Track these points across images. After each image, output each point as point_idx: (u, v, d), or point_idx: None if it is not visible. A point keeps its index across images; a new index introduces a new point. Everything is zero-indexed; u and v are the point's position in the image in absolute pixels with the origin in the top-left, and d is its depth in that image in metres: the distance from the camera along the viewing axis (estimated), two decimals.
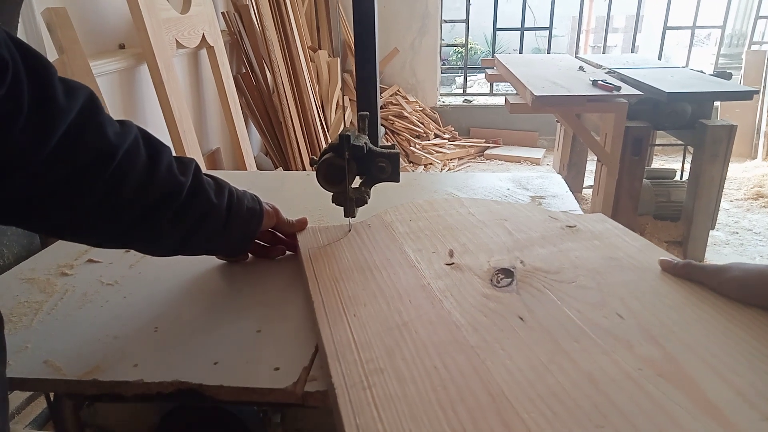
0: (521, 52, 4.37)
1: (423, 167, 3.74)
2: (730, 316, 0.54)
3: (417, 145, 3.86)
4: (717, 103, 3.50)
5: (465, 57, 4.56)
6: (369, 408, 0.42)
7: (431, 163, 3.77)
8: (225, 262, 0.74)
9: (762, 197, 3.12)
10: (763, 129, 3.74)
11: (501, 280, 0.63)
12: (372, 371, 0.47)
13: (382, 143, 0.76)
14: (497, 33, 4.33)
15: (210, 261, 0.73)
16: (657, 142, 3.06)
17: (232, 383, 0.50)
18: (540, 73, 2.59)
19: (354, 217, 0.76)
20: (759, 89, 3.64)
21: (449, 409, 0.42)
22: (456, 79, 6.19)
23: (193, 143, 2.05)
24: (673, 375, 0.46)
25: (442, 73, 4.57)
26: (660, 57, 4.17)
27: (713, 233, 2.53)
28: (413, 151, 3.80)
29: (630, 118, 2.18)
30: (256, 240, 0.73)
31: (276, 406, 0.60)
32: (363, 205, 0.76)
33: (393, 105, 4.05)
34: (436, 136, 4.09)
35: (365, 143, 0.72)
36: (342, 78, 3.70)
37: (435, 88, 4.32)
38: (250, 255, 0.75)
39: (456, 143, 4.11)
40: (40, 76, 0.45)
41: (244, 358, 0.54)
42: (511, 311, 0.56)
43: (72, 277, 0.72)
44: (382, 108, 3.98)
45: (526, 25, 4.26)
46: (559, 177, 1.08)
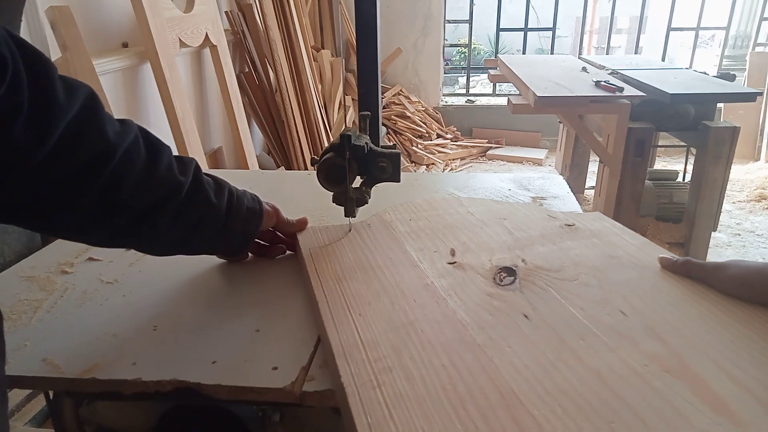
0: (524, 52, 4.36)
1: (425, 167, 3.74)
2: (730, 312, 0.54)
3: (419, 145, 3.86)
4: (720, 105, 3.49)
5: (468, 57, 4.56)
6: (380, 407, 0.42)
7: (433, 163, 3.76)
8: (225, 261, 0.74)
9: (765, 199, 3.11)
10: (767, 131, 3.73)
11: (504, 278, 0.63)
12: (381, 370, 0.47)
13: (383, 143, 0.76)
14: (500, 33, 4.33)
15: (210, 260, 0.73)
16: (660, 143, 3.05)
17: (230, 382, 0.50)
18: (543, 74, 2.59)
19: (354, 217, 0.76)
20: (762, 91, 3.63)
21: (460, 407, 0.42)
22: (459, 80, 6.19)
23: (196, 142, 2.05)
24: (679, 371, 0.46)
25: (445, 74, 4.57)
26: (663, 58, 4.16)
27: (715, 235, 2.52)
28: (415, 151, 3.80)
29: (633, 119, 2.18)
30: (256, 239, 0.73)
31: (274, 405, 0.60)
32: (363, 205, 0.76)
33: (396, 105, 4.05)
34: (438, 136, 4.09)
35: (366, 143, 0.72)
36: (345, 77, 3.70)
37: (438, 88, 4.32)
38: (249, 254, 0.75)
39: (458, 143, 4.11)
40: (39, 74, 0.45)
41: (242, 357, 0.54)
42: (516, 309, 0.56)
43: (72, 275, 0.72)
44: (384, 108, 3.98)
45: (529, 26, 4.25)
46: (561, 178, 1.08)
